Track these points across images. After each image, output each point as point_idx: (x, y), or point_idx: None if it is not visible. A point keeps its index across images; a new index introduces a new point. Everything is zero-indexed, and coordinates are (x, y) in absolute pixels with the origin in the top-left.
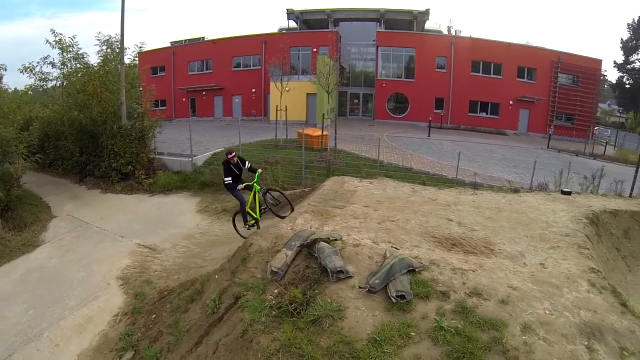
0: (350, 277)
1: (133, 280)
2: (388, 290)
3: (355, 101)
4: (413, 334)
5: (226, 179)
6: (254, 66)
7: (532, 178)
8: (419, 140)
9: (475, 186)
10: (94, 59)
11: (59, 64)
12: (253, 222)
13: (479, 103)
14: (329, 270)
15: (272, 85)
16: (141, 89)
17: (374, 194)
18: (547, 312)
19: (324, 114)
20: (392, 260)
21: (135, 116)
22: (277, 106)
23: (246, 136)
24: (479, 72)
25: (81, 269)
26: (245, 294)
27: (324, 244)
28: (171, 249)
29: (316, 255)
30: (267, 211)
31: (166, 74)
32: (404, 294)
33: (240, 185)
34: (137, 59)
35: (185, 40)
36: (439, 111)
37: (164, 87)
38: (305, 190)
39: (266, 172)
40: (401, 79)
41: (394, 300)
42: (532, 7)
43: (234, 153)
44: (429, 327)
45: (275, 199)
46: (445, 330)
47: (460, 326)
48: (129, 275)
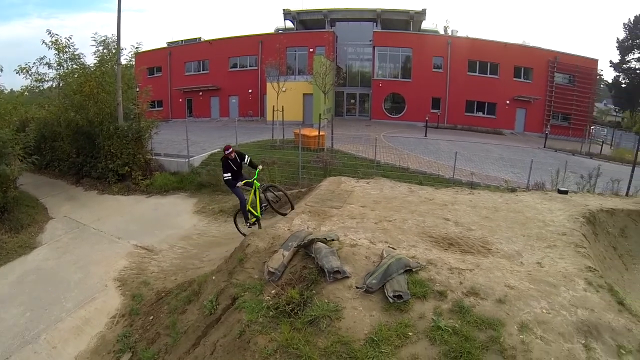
0: (348, 277)
1: (130, 282)
2: (385, 290)
3: (352, 101)
4: (410, 333)
5: (225, 175)
6: (250, 66)
7: (528, 177)
8: (415, 140)
9: (472, 186)
10: (90, 60)
11: (55, 65)
12: (254, 220)
13: (475, 103)
14: (326, 270)
15: (268, 85)
16: (138, 89)
17: (371, 194)
18: (544, 311)
19: (320, 114)
20: (389, 260)
21: (132, 117)
22: (273, 106)
23: (243, 137)
24: (475, 72)
25: (78, 270)
26: (243, 294)
27: (321, 244)
28: (168, 250)
29: (313, 256)
30: (267, 209)
31: (163, 74)
32: (401, 293)
33: (239, 183)
34: (133, 59)
35: (182, 41)
36: (436, 111)
37: (160, 88)
38: (302, 190)
39: (263, 172)
40: (398, 79)
41: (391, 300)
42: (529, 7)
43: (231, 149)
44: (426, 327)
45: (276, 196)
46: (443, 330)
47: (457, 326)
48: (126, 277)
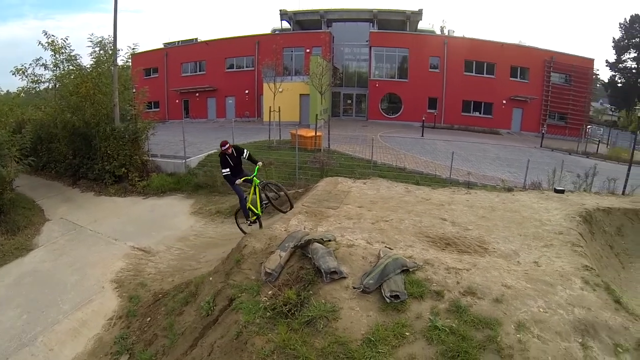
0: (344, 277)
1: (127, 283)
2: (382, 291)
3: (349, 102)
4: (407, 333)
5: (224, 171)
6: (247, 67)
7: (525, 177)
8: (412, 140)
9: (469, 185)
10: (86, 61)
11: (51, 66)
12: (255, 218)
13: (472, 103)
14: (322, 271)
15: (265, 86)
16: (134, 90)
17: (368, 194)
18: (541, 310)
19: (317, 114)
20: (386, 261)
21: (128, 118)
22: (270, 107)
23: (240, 137)
24: (472, 72)
25: (75, 272)
26: (240, 295)
27: (317, 244)
28: (165, 252)
29: (310, 256)
30: (268, 206)
31: (159, 75)
32: (398, 294)
33: (238, 180)
34: (130, 60)
35: (179, 42)
36: (433, 111)
37: (157, 89)
38: (299, 191)
39: (260, 173)
40: (394, 79)
41: (388, 301)
42: (525, 7)
43: (228, 144)
44: (423, 327)
45: (276, 193)
46: (440, 330)
47: (454, 325)
48: (123, 278)
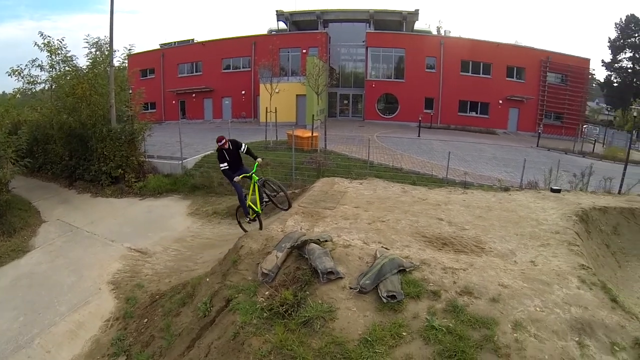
0: (341, 278)
1: (124, 285)
2: (379, 291)
3: (345, 102)
4: (404, 333)
5: (222, 165)
6: (243, 68)
7: (522, 176)
8: (409, 140)
9: (466, 185)
10: (83, 62)
11: (47, 67)
12: (254, 215)
13: (468, 103)
14: (319, 271)
15: (261, 86)
16: (131, 91)
17: (364, 194)
18: (537, 309)
19: (313, 115)
20: (383, 261)
21: (124, 119)
22: (266, 108)
23: (236, 138)
24: (468, 72)
25: (71, 274)
26: (237, 296)
27: (314, 245)
28: (162, 253)
29: (307, 257)
30: (269, 204)
31: (156, 76)
32: (394, 294)
33: (237, 178)
34: (126, 61)
35: (175, 42)
36: (429, 111)
37: (153, 90)
38: (296, 191)
39: (257, 172)
40: (391, 80)
41: (384, 301)
42: (521, 7)
43: (224, 140)
44: (420, 327)
45: (274, 189)
46: (437, 330)
47: (451, 325)
48: (120, 280)
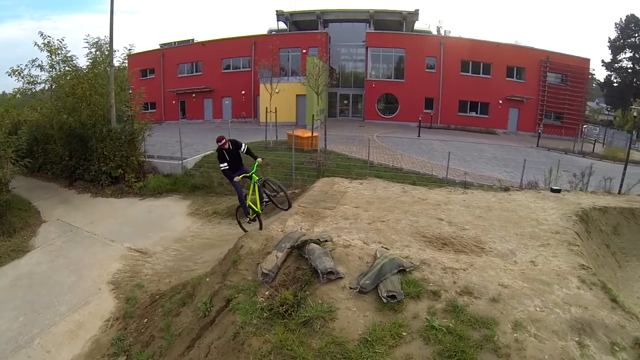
0: (341, 277)
1: (124, 285)
2: (379, 291)
3: (345, 102)
4: (404, 333)
5: (222, 165)
6: (243, 68)
7: (522, 176)
8: (409, 140)
9: (466, 185)
10: (83, 62)
11: (47, 67)
12: (254, 215)
13: (468, 103)
14: (319, 271)
15: (261, 86)
16: (131, 91)
17: (364, 194)
18: (537, 309)
19: (313, 115)
20: (383, 261)
21: (124, 119)
22: (266, 108)
23: (236, 138)
24: (468, 72)
25: (71, 274)
26: (237, 296)
27: (314, 245)
28: (162, 253)
29: (307, 257)
30: (269, 204)
31: (156, 76)
32: (394, 294)
33: (237, 178)
34: (126, 61)
35: (175, 42)
36: (429, 111)
37: (153, 90)
38: (296, 191)
39: (257, 172)
40: (391, 80)
41: (384, 301)
42: (521, 7)
43: (224, 140)
44: (420, 327)
45: (274, 189)
46: (437, 330)
47: (451, 325)
48: (120, 280)
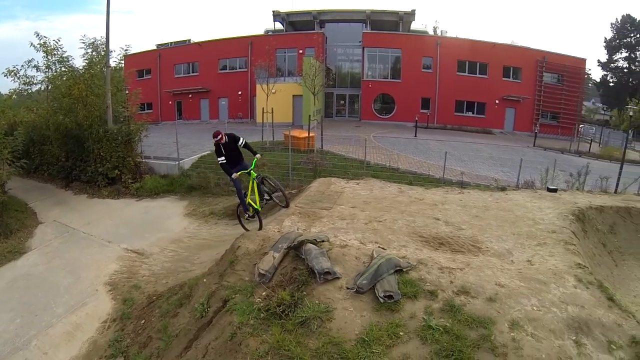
0: (338, 278)
1: (121, 286)
2: (376, 291)
3: (342, 102)
4: (401, 333)
5: (219, 159)
6: (240, 68)
7: (518, 176)
8: (405, 140)
9: (462, 185)
10: (79, 62)
11: (43, 68)
12: (254, 213)
13: (465, 103)
14: (316, 271)
15: (258, 87)
16: (127, 92)
17: (361, 194)
18: (534, 308)
19: (310, 115)
20: (380, 261)
21: (121, 120)
22: (263, 108)
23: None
24: (464, 72)
25: (68, 275)
26: (234, 297)
27: (311, 245)
28: (159, 254)
29: (303, 257)
30: (269, 202)
31: (152, 76)
32: (391, 294)
33: (235, 174)
34: (122, 62)
35: (171, 43)
36: (426, 111)
37: (150, 90)
38: (293, 192)
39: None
40: (387, 80)
41: (381, 301)
42: (517, 7)
43: (220, 135)
44: (417, 327)
45: (273, 186)
46: (434, 329)
47: (448, 324)
48: (117, 281)
